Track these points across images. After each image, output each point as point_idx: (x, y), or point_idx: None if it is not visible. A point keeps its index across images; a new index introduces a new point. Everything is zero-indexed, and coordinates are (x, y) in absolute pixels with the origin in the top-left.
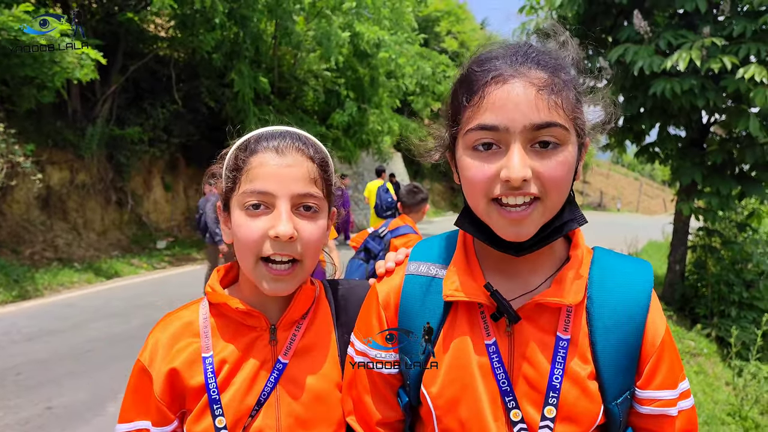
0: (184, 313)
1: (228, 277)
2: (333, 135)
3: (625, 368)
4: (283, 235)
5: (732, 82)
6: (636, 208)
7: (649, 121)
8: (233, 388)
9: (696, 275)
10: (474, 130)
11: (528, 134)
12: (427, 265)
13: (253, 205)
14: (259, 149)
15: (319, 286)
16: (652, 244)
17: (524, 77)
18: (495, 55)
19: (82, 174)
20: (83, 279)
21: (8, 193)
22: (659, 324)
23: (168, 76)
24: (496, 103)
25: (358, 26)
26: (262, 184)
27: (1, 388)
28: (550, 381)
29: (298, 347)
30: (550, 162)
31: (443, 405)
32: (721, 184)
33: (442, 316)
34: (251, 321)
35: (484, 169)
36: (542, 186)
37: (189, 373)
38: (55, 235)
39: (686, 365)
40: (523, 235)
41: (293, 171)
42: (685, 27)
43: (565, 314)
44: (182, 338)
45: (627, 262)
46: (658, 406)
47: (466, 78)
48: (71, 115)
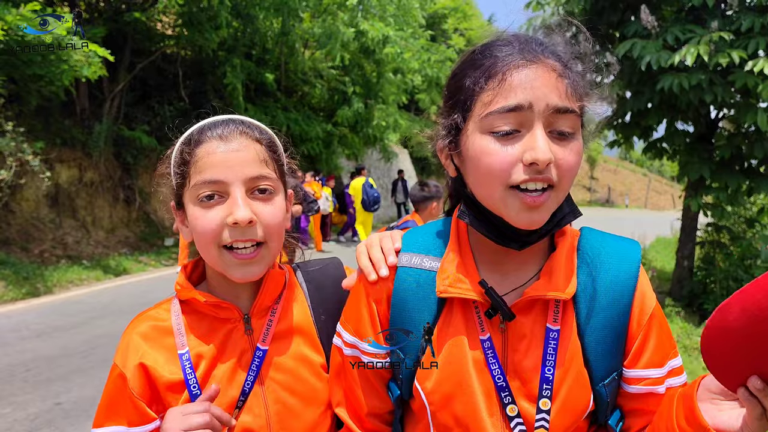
0: (154, 312)
1: (197, 273)
2: (340, 132)
3: (612, 349)
4: (241, 221)
5: (740, 76)
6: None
7: (656, 117)
8: (213, 381)
9: (704, 271)
10: (497, 112)
11: (549, 117)
12: (420, 257)
13: (207, 196)
14: (204, 139)
15: (288, 270)
16: (660, 240)
17: (543, 63)
18: (510, 41)
19: (91, 172)
20: (92, 276)
21: (18, 192)
22: (647, 302)
23: (175, 74)
24: (522, 84)
25: (363, 24)
26: (212, 173)
27: (10, 384)
28: (543, 373)
29: (275, 332)
30: (566, 150)
31: (438, 401)
32: (730, 179)
33: (436, 311)
34: (224, 313)
35: (505, 152)
36: (559, 174)
37: (165, 370)
38: (64, 233)
39: (695, 361)
40: (536, 221)
41: (241, 155)
42: (693, 22)
43: (554, 305)
44: (155, 337)
45: (614, 242)
46: (646, 385)
47: (479, 63)
48: (79, 113)
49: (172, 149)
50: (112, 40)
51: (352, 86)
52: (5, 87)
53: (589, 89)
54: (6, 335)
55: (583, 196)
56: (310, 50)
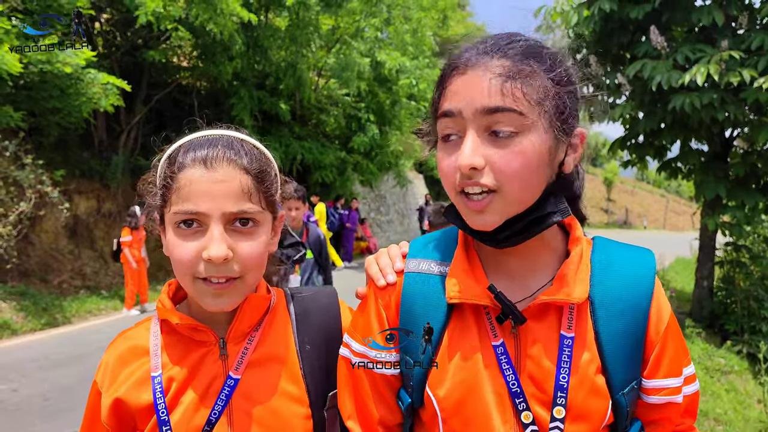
0: (134, 332)
1: (182, 292)
2: (354, 159)
3: (630, 357)
4: (215, 258)
5: (752, 93)
6: (663, 225)
7: (669, 136)
8: (181, 407)
9: (724, 291)
10: (440, 118)
11: (481, 120)
12: (427, 263)
13: (185, 222)
14: (187, 163)
15: (278, 295)
16: (680, 261)
17: (483, 66)
18: (468, 47)
19: (109, 203)
20: (110, 306)
21: (37, 223)
22: (663, 312)
23: (191, 105)
24: (456, 90)
25: (379, 54)
26: (193, 204)
27: (28, 414)
28: (557, 381)
29: (250, 360)
30: (504, 151)
31: (450, 407)
32: (746, 198)
33: (446, 315)
34: (199, 336)
35: (449, 159)
36: (498, 176)
37: (136, 394)
38: (82, 264)
39: (717, 383)
40: (488, 223)
41: (224, 187)
42: (703, 41)
43: (567, 312)
44: (130, 360)
45: (628, 251)
46: (665, 395)
47: (440, 73)
48: (97, 145)
49: (157, 163)
50: (128, 73)
51: (367, 113)
52: (25, 120)
53: (564, 89)
54: (25, 365)
55: (600, 218)
56: (324, 78)
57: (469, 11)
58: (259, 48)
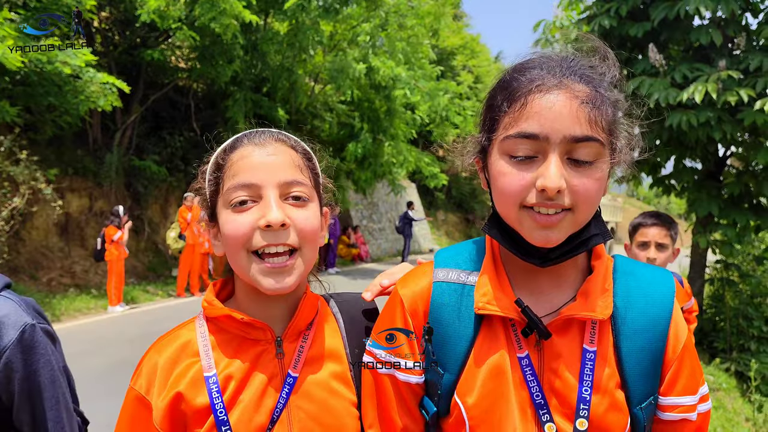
0: (179, 332)
1: (225, 292)
2: (347, 167)
3: (649, 373)
4: (274, 222)
5: (749, 115)
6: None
7: (665, 153)
8: (241, 406)
9: (714, 309)
10: (513, 137)
11: (566, 146)
12: (456, 272)
13: (240, 201)
14: (239, 145)
15: (319, 298)
16: None
17: (567, 89)
18: (538, 64)
19: (101, 201)
20: (99, 305)
21: (28, 220)
22: (681, 331)
23: (187, 106)
24: (540, 112)
25: (373, 60)
26: (246, 176)
27: None
28: (580, 393)
29: (307, 358)
30: (584, 177)
31: (478, 416)
32: (738, 217)
33: (475, 325)
34: (255, 334)
35: (520, 176)
36: (574, 199)
37: (192, 394)
38: (72, 262)
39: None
40: (552, 240)
41: (277, 159)
42: (701, 60)
43: (590, 326)
44: (182, 360)
45: (650, 271)
46: (680, 412)
47: (507, 85)
48: (92, 143)
49: (205, 166)
50: (126, 72)
51: (361, 122)
52: (20, 116)
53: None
54: None
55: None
56: (321, 84)
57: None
58: (257, 52)
